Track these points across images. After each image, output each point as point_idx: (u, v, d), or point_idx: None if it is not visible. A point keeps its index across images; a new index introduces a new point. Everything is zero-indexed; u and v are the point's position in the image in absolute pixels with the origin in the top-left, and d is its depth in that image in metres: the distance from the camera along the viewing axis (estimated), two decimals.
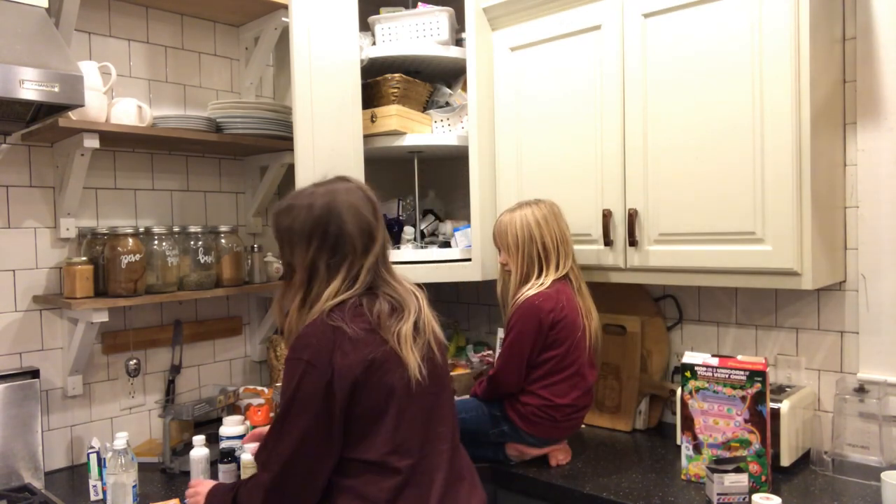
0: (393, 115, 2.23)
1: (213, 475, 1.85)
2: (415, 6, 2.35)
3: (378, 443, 1.32)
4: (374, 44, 2.32)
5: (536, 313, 1.83)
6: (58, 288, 2.03)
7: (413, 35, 2.30)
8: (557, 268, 1.92)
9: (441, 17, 2.27)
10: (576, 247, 2.02)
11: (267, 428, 1.44)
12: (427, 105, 2.44)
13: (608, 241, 2.00)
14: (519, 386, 1.87)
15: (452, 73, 2.47)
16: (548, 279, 1.89)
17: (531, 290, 1.88)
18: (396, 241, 2.45)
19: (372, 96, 2.32)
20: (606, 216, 1.99)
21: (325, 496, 1.34)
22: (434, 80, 2.49)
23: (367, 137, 2.26)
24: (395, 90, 2.27)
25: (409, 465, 1.33)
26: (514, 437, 1.89)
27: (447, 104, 2.41)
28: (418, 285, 1.51)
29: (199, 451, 1.82)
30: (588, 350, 1.90)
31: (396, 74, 2.27)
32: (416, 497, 1.33)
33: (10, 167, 1.96)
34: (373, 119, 2.26)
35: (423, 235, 2.50)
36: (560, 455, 1.93)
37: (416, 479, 1.34)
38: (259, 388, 2.33)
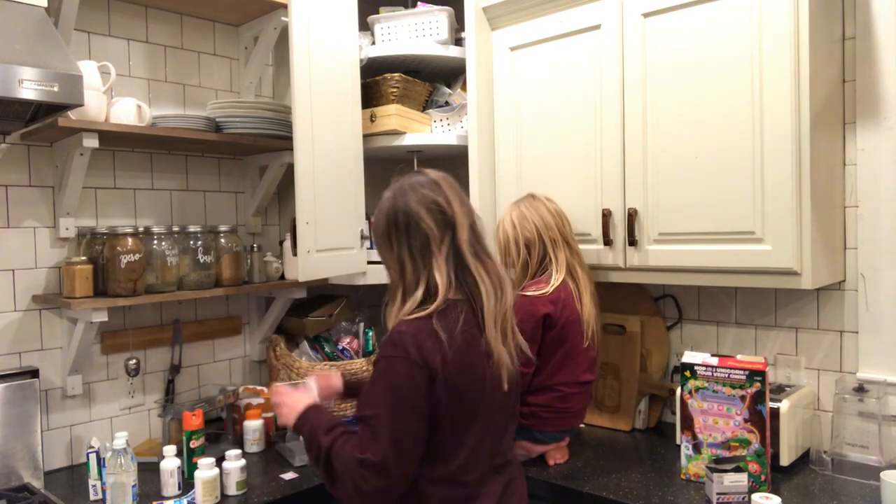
0: (392, 115, 2.23)
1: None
2: (414, 6, 2.35)
3: (458, 451, 1.33)
4: (373, 43, 2.32)
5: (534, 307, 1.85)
6: (57, 288, 2.03)
7: (412, 35, 2.30)
8: (545, 258, 1.93)
9: (440, 17, 2.27)
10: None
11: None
12: (426, 105, 2.44)
13: (608, 241, 2.00)
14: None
15: (452, 73, 2.47)
16: (549, 279, 1.90)
17: (529, 290, 1.89)
18: None
19: (371, 96, 2.32)
20: (606, 216, 1.99)
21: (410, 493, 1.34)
22: (433, 79, 2.49)
23: (367, 137, 2.26)
24: (395, 90, 2.27)
25: (477, 477, 1.36)
26: (524, 434, 1.90)
27: (447, 104, 2.41)
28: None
29: (207, 472, 1.76)
30: (587, 352, 1.91)
31: (396, 74, 2.28)
32: None
33: (10, 167, 1.96)
34: (372, 119, 2.26)
35: None
36: (557, 455, 1.94)
37: (478, 490, 1.36)
38: (258, 387, 2.33)
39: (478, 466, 1.36)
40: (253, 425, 2.13)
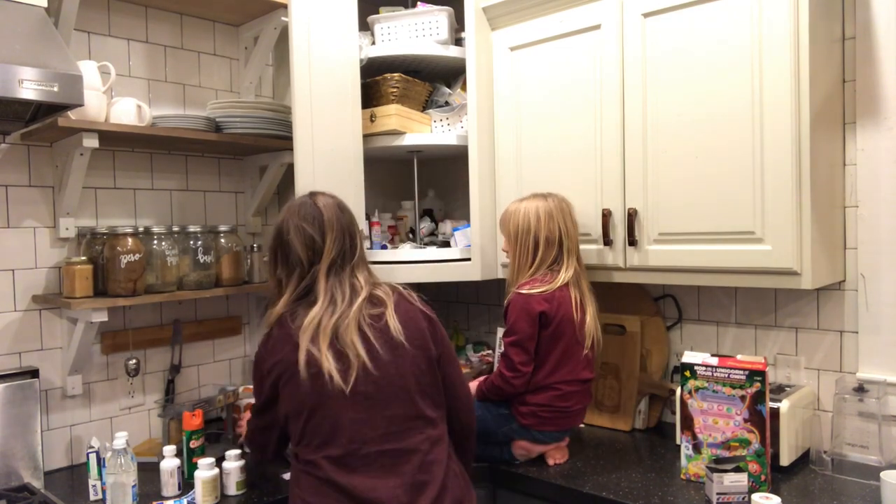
0: (392, 115, 2.23)
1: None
2: (414, 6, 2.35)
3: (295, 430, 1.48)
4: (373, 43, 2.32)
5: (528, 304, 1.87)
6: (57, 287, 2.03)
7: (412, 35, 2.29)
8: (555, 262, 1.93)
9: (440, 17, 2.27)
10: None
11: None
12: (426, 105, 2.44)
13: (608, 241, 2.00)
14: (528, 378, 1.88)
15: (452, 73, 2.47)
16: (547, 279, 1.90)
17: (524, 289, 1.89)
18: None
19: (371, 96, 2.32)
20: (606, 216, 1.99)
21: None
22: (433, 79, 2.49)
23: (367, 137, 2.26)
24: (395, 90, 2.27)
25: (328, 460, 1.42)
26: (524, 434, 1.90)
27: (446, 104, 2.41)
28: (407, 286, 1.62)
29: (207, 472, 1.76)
30: (584, 353, 1.91)
31: (396, 74, 2.27)
32: (341, 494, 1.41)
33: (10, 167, 1.96)
34: (372, 119, 2.26)
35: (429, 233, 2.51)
36: (557, 455, 1.94)
37: (334, 474, 1.41)
38: None
39: (327, 450, 1.43)
40: None
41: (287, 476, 1.92)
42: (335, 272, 1.54)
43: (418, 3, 2.35)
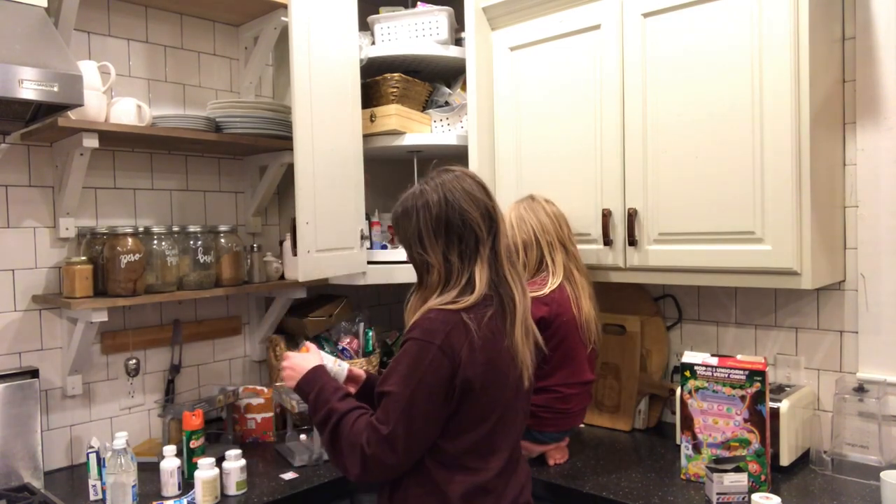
0: (392, 115, 2.23)
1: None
2: (414, 6, 2.35)
3: (471, 440, 1.35)
4: (373, 43, 2.33)
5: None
6: (57, 288, 2.03)
7: (412, 35, 2.30)
8: (542, 262, 1.93)
9: (440, 17, 2.28)
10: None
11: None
12: (426, 104, 2.44)
13: (608, 241, 2.00)
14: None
15: (452, 73, 2.47)
16: (545, 281, 1.90)
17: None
18: None
19: (371, 96, 2.32)
20: (606, 216, 1.99)
21: (406, 475, 1.36)
22: (433, 79, 2.49)
23: (367, 137, 2.26)
24: (395, 90, 2.27)
25: (495, 468, 1.37)
26: (524, 434, 1.90)
27: (446, 104, 2.41)
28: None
29: (207, 472, 1.76)
30: (587, 352, 1.91)
31: (396, 74, 2.28)
32: (492, 500, 1.37)
33: (10, 167, 1.96)
34: (372, 119, 2.26)
35: None
36: (557, 455, 1.94)
37: (494, 482, 1.38)
38: (258, 387, 2.33)
39: (494, 459, 1.38)
40: None
41: (289, 476, 1.92)
42: (511, 253, 1.42)
43: (418, 3, 2.35)
